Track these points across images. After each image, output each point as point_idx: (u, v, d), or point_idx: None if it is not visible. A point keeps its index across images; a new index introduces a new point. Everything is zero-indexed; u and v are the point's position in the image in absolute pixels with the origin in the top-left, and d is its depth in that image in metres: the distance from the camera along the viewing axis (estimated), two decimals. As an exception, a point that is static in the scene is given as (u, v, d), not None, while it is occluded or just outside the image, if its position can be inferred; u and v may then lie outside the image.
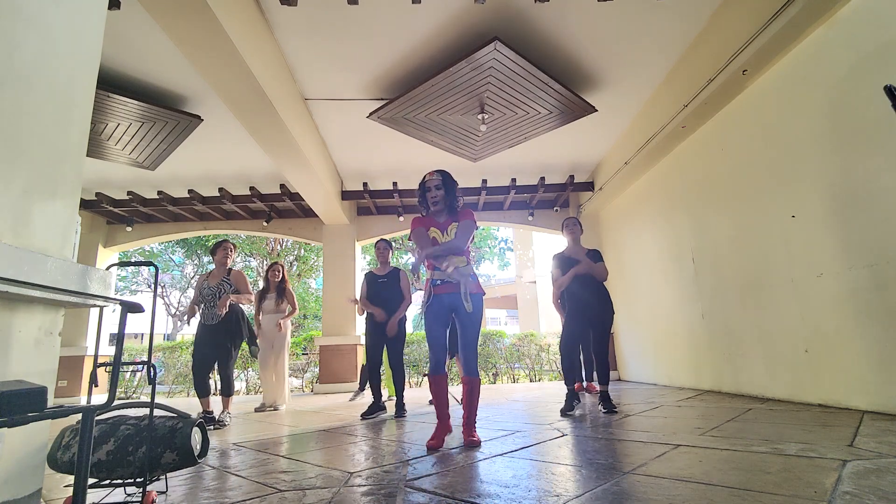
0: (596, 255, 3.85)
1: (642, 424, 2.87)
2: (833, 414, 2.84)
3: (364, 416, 3.87)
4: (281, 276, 5.21)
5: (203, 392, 3.87)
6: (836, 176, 3.02)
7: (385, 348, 4.19)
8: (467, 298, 2.64)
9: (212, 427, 3.64)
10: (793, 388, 3.47)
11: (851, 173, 2.91)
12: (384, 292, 4.19)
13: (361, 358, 5.66)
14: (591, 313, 3.69)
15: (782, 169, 3.49)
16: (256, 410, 4.83)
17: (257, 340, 4.54)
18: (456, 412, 3.13)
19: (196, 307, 4.04)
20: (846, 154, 2.94)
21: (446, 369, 2.78)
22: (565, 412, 3.43)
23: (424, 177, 2.87)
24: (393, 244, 4.39)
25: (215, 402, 4.01)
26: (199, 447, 1.75)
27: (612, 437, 2.52)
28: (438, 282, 2.72)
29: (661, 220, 5.47)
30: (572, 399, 3.53)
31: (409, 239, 2.89)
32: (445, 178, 2.83)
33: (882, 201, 2.71)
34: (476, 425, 2.63)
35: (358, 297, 4.40)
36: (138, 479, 1.60)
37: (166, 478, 1.84)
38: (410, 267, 2.91)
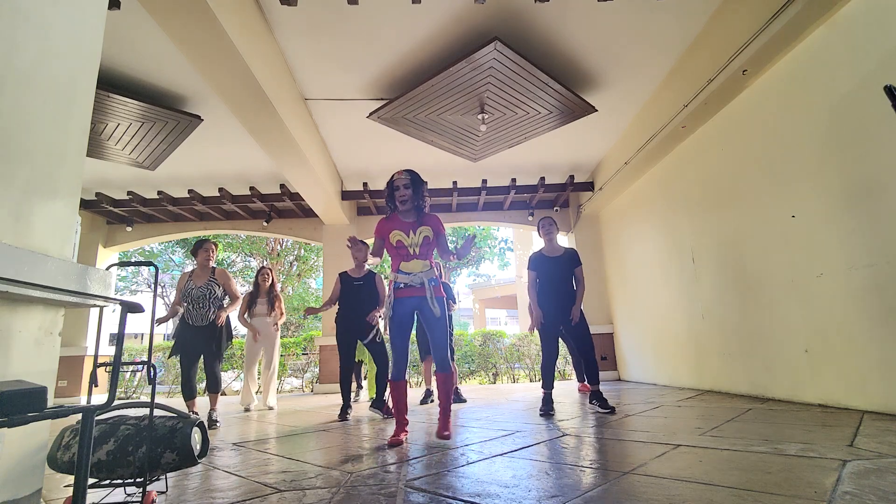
0: (574, 256, 3.83)
1: (642, 424, 2.87)
2: (833, 414, 2.84)
3: (341, 418, 3.85)
4: (270, 280, 5.20)
5: (190, 394, 3.86)
6: (836, 176, 3.02)
7: (366, 350, 4.16)
8: (434, 302, 2.73)
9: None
10: (793, 388, 3.47)
11: (851, 173, 2.91)
12: (360, 294, 4.10)
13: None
14: (565, 315, 3.68)
15: (782, 169, 3.49)
16: (246, 410, 4.85)
17: (245, 343, 4.51)
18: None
19: (179, 307, 3.96)
20: (846, 154, 2.94)
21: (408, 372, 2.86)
22: (549, 413, 3.47)
23: (393, 176, 2.90)
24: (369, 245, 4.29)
25: (201, 405, 4.00)
26: (199, 447, 1.75)
27: (612, 437, 2.52)
28: (401, 285, 2.77)
29: (661, 220, 5.47)
30: (550, 401, 3.59)
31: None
32: (413, 177, 2.87)
33: (882, 201, 2.71)
34: (448, 423, 2.73)
35: (328, 298, 4.35)
36: (138, 479, 1.60)
37: (166, 478, 1.84)
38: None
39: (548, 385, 3.67)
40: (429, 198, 2.98)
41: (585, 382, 4.99)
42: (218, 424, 3.75)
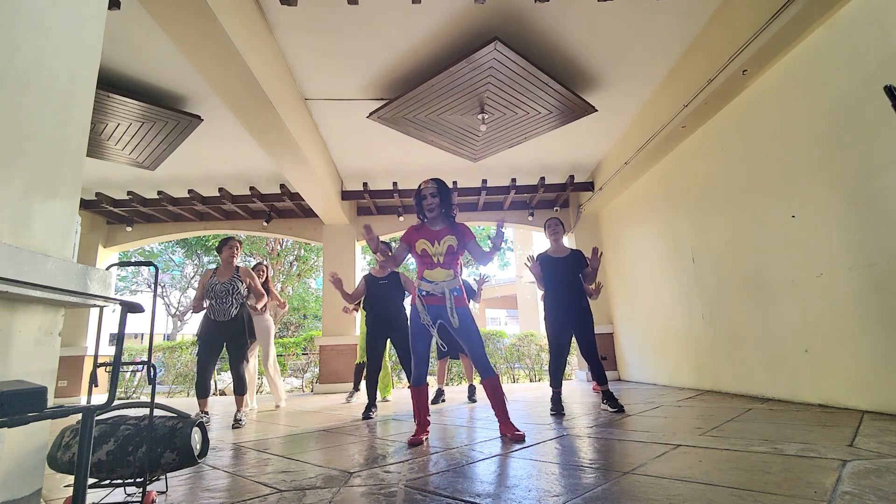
0: (580, 257, 3.84)
1: (642, 424, 2.87)
2: (833, 414, 2.84)
3: (364, 417, 3.88)
4: (265, 277, 5.20)
5: (203, 392, 3.85)
6: (835, 176, 3.03)
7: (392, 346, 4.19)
8: (453, 314, 2.72)
9: (203, 427, 3.63)
10: (793, 388, 3.47)
11: (851, 173, 2.91)
12: (385, 293, 4.18)
13: (355, 357, 5.64)
14: (572, 316, 3.69)
15: (782, 169, 3.49)
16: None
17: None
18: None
19: (203, 302, 3.99)
20: (846, 154, 2.94)
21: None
22: (560, 413, 3.47)
23: (420, 185, 2.94)
24: (392, 245, 4.40)
25: (213, 403, 3.99)
26: (199, 447, 1.75)
27: (612, 437, 2.52)
28: (424, 293, 2.80)
29: (661, 220, 5.47)
30: (559, 400, 3.58)
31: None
32: (440, 186, 2.90)
33: (882, 201, 2.71)
34: (512, 422, 2.71)
35: (353, 292, 4.37)
36: (138, 479, 1.60)
37: (166, 478, 1.84)
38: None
39: (556, 384, 3.67)
40: (456, 207, 2.99)
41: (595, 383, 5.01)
42: (242, 424, 3.72)
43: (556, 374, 3.70)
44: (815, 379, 3.26)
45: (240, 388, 3.91)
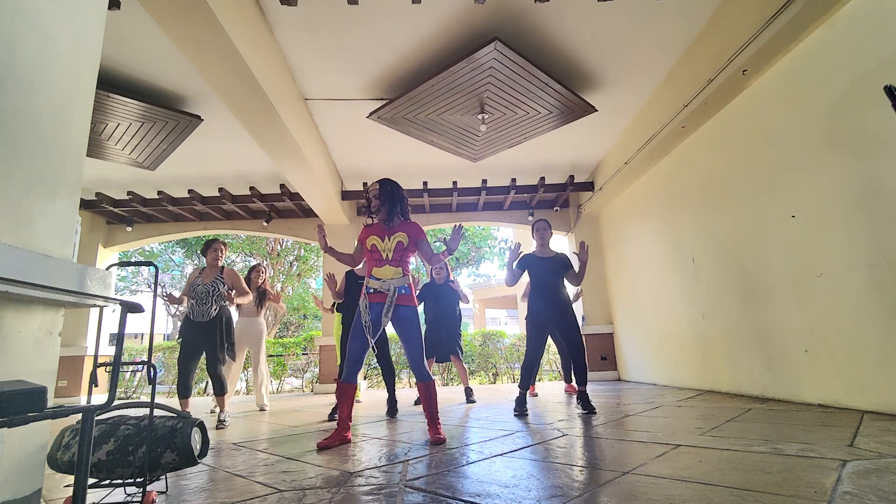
0: (565, 261, 3.85)
1: (642, 424, 2.87)
2: (833, 414, 2.84)
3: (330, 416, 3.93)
4: (263, 278, 5.21)
5: (184, 392, 3.85)
6: (835, 176, 3.03)
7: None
8: (388, 312, 2.73)
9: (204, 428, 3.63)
10: (793, 388, 3.47)
11: (851, 173, 2.91)
12: None
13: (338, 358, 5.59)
14: (555, 316, 3.70)
15: (782, 169, 3.49)
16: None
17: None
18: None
19: (185, 298, 4.03)
20: (846, 154, 2.95)
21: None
22: (523, 413, 3.51)
23: (368, 186, 2.99)
24: None
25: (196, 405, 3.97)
26: (199, 447, 1.75)
27: (612, 437, 2.52)
28: (372, 290, 2.81)
29: (661, 220, 5.47)
30: (524, 402, 3.60)
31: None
32: (383, 187, 2.93)
33: (882, 201, 2.71)
34: (438, 426, 2.73)
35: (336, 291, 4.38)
36: (138, 479, 1.60)
37: (166, 478, 1.84)
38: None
39: (525, 385, 3.70)
40: (405, 199, 2.98)
41: (573, 383, 5.04)
42: (226, 425, 3.74)
43: (528, 376, 3.72)
44: (815, 379, 3.26)
45: (219, 389, 3.91)
